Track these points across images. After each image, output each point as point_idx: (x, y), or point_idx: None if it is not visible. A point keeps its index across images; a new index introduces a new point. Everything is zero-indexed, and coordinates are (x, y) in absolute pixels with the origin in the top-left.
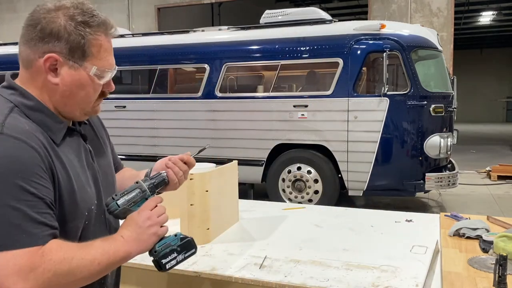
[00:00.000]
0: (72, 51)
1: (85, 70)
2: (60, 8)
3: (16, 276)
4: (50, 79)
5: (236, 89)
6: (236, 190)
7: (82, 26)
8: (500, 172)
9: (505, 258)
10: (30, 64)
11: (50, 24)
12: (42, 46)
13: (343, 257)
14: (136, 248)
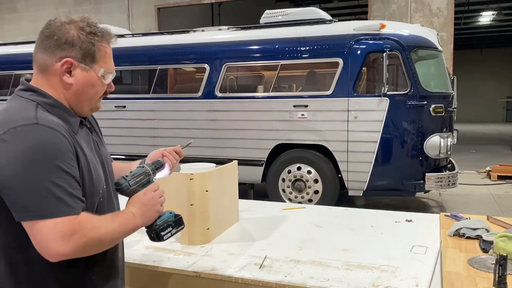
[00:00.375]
0: (84, 56)
1: (95, 72)
2: (71, 22)
3: (60, 240)
4: (66, 80)
5: (236, 89)
6: (236, 190)
7: (91, 35)
8: (500, 172)
9: (505, 258)
10: (47, 68)
11: (66, 34)
12: (58, 52)
13: (343, 257)
14: (142, 222)
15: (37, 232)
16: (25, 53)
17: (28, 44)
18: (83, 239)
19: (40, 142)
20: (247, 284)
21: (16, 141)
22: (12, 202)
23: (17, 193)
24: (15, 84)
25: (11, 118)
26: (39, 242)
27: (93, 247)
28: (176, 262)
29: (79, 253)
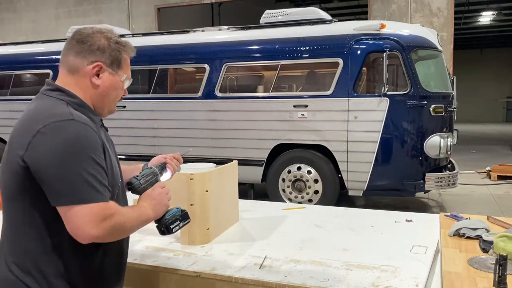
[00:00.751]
0: (112, 62)
1: (119, 77)
2: (100, 32)
3: (93, 223)
4: (94, 81)
5: (236, 89)
6: (236, 190)
7: (118, 44)
8: (500, 172)
9: (505, 258)
10: (77, 70)
11: (97, 42)
12: (90, 57)
13: (343, 257)
14: (153, 215)
15: (73, 216)
16: (25, 53)
17: (28, 44)
18: (111, 224)
19: (77, 136)
20: (247, 284)
21: (55, 134)
22: (49, 188)
23: (54, 180)
24: (15, 84)
25: (47, 114)
26: (74, 225)
27: (118, 232)
28: (176, 262)
29: (107, 237)
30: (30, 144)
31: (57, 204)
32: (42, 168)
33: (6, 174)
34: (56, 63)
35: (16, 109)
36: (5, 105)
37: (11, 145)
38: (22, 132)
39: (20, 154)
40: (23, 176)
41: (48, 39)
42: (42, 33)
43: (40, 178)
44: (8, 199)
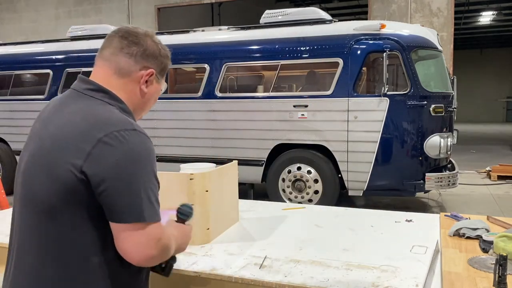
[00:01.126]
0: (161, 70)
1: (161, 86)
2: (151, 36)
3: (151, 242)
4: (143, 88)
5: (236, 89)
6: (236, 190)
7: (165, 51)
8: (500, 172)
9: (505, 258)
10: (129, 74)
11: (151, 47)
12: (144, 62)
13: (343, 257)
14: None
15: (132, 234)
16: (25, 53)
17: (28, 44)
18: (164, 243)
19: (142, 148)
20: (247, 284)
21: (120, 145)
22: (111, 203)
23: (119, 195)
24: (15, 84)
25: (105, 120)
26: (130, 244)
27: (167, 252)
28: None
29: (159, 258)
30: (90, 154)
31: (118, 220)
32: (107, 181)
33: (46, 183)
34: (56, 63)
35: (16, 109)
36: (5, 105)
37: (55, 148)
38: (75, 137)
39: (77, 164)
40: (77, 188)
41: (48, 39)
42: (42, 33)
43: (102, 192)
44: (44, 212)
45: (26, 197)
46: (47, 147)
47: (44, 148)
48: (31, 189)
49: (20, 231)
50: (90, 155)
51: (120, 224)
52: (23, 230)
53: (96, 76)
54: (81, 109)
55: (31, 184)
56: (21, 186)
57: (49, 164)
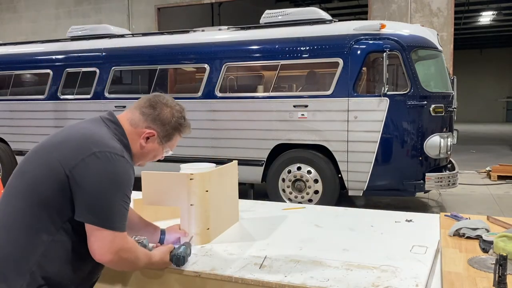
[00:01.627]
0: (165, 136)
1: (163, 148)
2: (172, 108)
3: (111, 249)
4: (141, 142)
5: (236, 89)
6: (236, 190)
7: (179, 126)
8: (500, 172)
9: (505, 258)
10: (136, 126)
11: (164, 115)
12: (151, 123)
13: (343, 257)
14: (157, 264)
15: (98, 236)
16: (25, 53)
17: (28, 44)
18: (124, 256)
19: (122, 172)
20: (247, 284)
21: (107, 162)
22: (83, 204)
23: (93, 200)
24: (15, 84)
25: (104, 142)
26: (95, 244)
27: (127, 265)
28: None
29: (116, 265)
30: (83, 160)
31: (86, 220)
32: (86, 185)
33: (39, 178)
34: (56, 63)
35: (16, 109)
36: (5, 105)
37: (54, 149)
38: (75, 145)
39: (69, 164)
40: (64, 184)
41: (48, 39)
42: (42, 33)
43: (77, 192)
44: (37, 203)
45: (26, 188)
46: (46, 147)
47: (44, 147)
48: (31, 182)
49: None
50: (82, 161)
51: (93, 226)
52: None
53: (122, 115)
54: (92, 129)
55: (32, 179)
56: (23, 162)
57: (45, 160)
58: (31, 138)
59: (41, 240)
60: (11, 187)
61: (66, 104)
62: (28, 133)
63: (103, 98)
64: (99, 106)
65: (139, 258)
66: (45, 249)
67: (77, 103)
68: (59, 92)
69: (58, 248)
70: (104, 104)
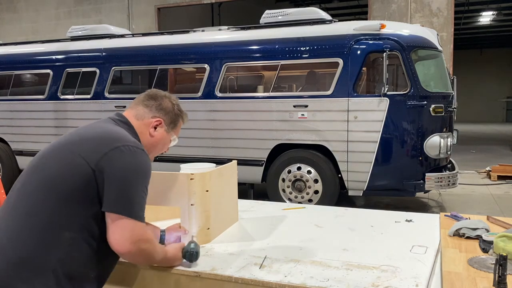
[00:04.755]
0: (170, 122)
1: (169, 135)
2: (170, 98)
3: (131, 238)
4: (151, 132)
5: (236, 89)
6: (236, 190)
7: (180, 112)
8: (500, 172)
9: (505, 258)
10: (142, 118)
11: (166, 104)
12: (156, 112)
13: (343, 257)
14: (173, 260)
15: (119, 225)
16: (25, 53)
17: (28, 44)
18: (143, 247)
19: (144, 164)
20: (247, 284)
21: (131, 155)
22: (110, 194)
23: (118, 190)
24: (15, 84)
25: (124, 137)
26: (116, 234)
27: (144, 258)
28: None
29: (135, 256)
30: (106, 154)
31: (111, 210)
32: (112, 177)
33: (61, 175)
34: (56, 63)
35: (16, 109)
36: (5, 105)
37: (74, 147)
38: (97, 141)
39: (94, 159)
40: (89, 178)
41: (48, 39)
42: (42, 33)
43: (104, 185)
44: (60, 199)
45: (49, 184)
46: (72, 142)
47: (71, 140)
48: (48, 166)
49: (20, 197)
50: (106, 155)
51: (113, 214)
52: (24, 196)
53: (125, 115)
54: (109, 127)
55: (57, 176)
56: (38, 160)
57: (70, 151)
58: (31, 138)
59: (64, 237)
60: (26, 186)
61: (66, 104)
62: (28, 133)
63: (103, 98)
64: (99, 106)
65: (157, 251)
66: (68, 246)
67: (77, 103)
68: (59, 92)
69: (80, 245)
70: (104, 104)
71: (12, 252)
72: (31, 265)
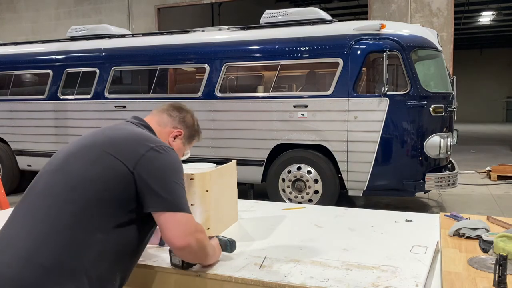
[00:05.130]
0: (189, 136)
1: (185, 148)
2: (192, 114)
3: (188, 230)
4: (170, 141)
5: (236, 89)
6: (235, 190)
7: (198, 129)
8: (500, 172)
9: (505, 258)
10: (165, 126)
11: (188, 118)
12: (178, 123)
13: (343, 257)
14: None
15: (173, 222)
16: (25, 53)
17: (28, 44)
18: (198, 238)
19: (177, 161)
20: (247, 284)
21: (167, 154)
22: (155, 195)
23: (163, 189)
24: (15, 84)
25: (154, 139)
26: (173, 231)
27: (200, 250)
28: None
29: (192, 249)
30: (144, 156)
31: (161, 209)
32: (153, 177)
33: (94, 177)
34: (56, 63)
35: (16, 109)
36: (5, 105)
37: (107, 149)
38: (131, 143)
39: (132, 161)
40: (127, 180)
41: (48, 39)
42: (42, 33)
43: (146, 186)
44: (92, 200)
45: (65, 171)
46: (102, 142)
47: (99, 142)
48: (76, 167)
49: (45, 198)
50: (143, 156)
51: (165, 213)
52: (49, 199)
53: (147, 119)
54: (135, 129)
55: (76, 163)
56: (61, 161)
57: (102, 153)
58: (31, 138)
59: (96, 238)
60: (50, 188)
61: (66, 104)
62: (28, 133)
63: (103, 98)
64: (99, 106)
65: (209, 241)
66: (99, 248)
67: (77, 103)
68: (59, 92)
69: (112, 246)
70: (104, 104)
71: (41, 258)
72: (62, 269)
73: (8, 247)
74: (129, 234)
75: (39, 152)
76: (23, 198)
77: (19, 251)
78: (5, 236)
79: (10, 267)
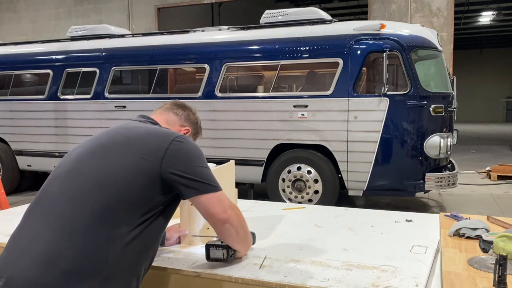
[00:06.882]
0: (194, 134)
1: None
2: (194, 111)
3: (226, 205)
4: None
5: (236, 89)
6: (234, 190)
7: (201, 126)
8: (500, 172)
9: (505, 258)
10: (173, 124)
11: (192, 116)
12: (184, 121)
13: (343, 257)
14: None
15: (212, 202)
16: (25, 53)
17: (28, 44)
18: (236, 211)
19: (198, 147)
20: (247, 284)
21: (188, 143)
22: (189, 183)
23: (195, 175)
24: (15, 84)
25: (171, 132)
26: (215, 209)
27: (239, 223)
28: (176, 262)
29: (234, 222)
30: (168, 149)
31: (198, 193)
32: (181, 167)
33: (123, 174)
34: (56, 63)
35: (16, 109)
36: (5, 105)
37: (129, 146)
38: (152, 138)
39: (157, 156)
40: (155, 175)
41: (48, 39)
42: (42, 33)
43: (178, 177)
44: (122, 197)
45: (84, 171)
46: (121, 141)
47: (118, 141)
48: (98, 167)
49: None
50: (168, 150)
51: (202, 196)
52: (72, 197)
53: (155, 117)
54: (149, 126)
55: (98, 164)
56: (76, 163)
57: (123, 152)
58: (31, 138)
59: (120, 232)
60: (68, 190)
61: (66, 104)
62: (28, 133)
63: (103, 98)
64: (99, 106)
65: (245, 223)
66: (123, 242)
67: (77, 103)
68: (59, 92)
69: (136, 241)
70: (104, 104)
71: (63, 261)
72: (87, 270)
73: (25, 250)
74: (152, 226)
75: (39, 152)
76: (36, 200)
77: (38, 255)
78: (21, 239)
79: (30, 270)
